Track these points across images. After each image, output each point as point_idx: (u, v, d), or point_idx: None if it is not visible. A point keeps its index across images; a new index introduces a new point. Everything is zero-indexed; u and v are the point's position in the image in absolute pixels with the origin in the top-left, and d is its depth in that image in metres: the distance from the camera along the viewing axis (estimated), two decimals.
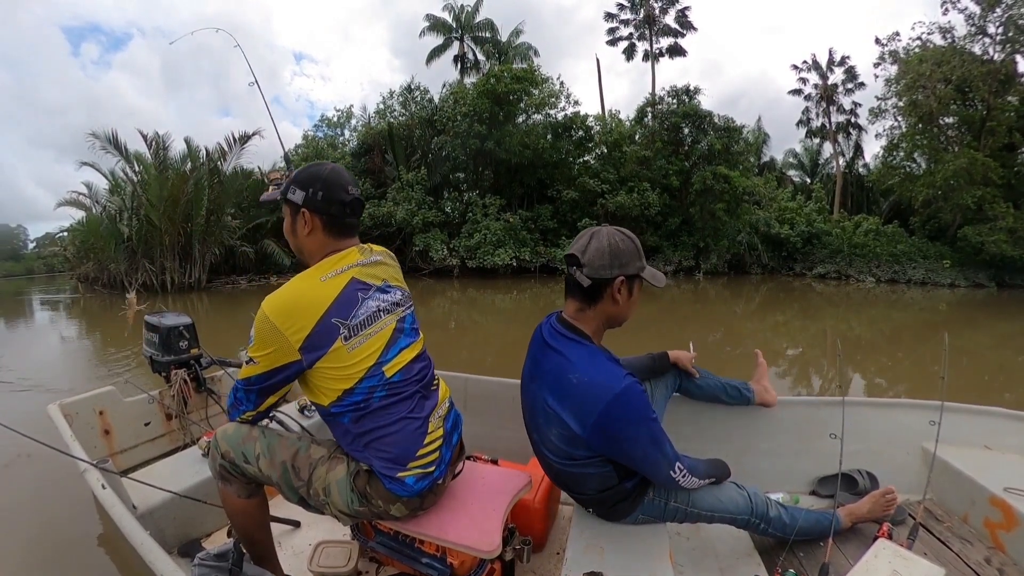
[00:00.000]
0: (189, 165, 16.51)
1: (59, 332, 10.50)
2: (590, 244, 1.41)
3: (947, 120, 20.46)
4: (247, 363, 1.31)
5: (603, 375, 1.36)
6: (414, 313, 1.49)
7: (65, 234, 19.89)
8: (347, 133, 26.83)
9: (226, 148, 16.98)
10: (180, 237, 16.18)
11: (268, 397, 1.36)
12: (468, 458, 1.75)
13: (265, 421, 2.32)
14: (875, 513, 1.86)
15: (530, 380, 1.56)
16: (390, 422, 1.29)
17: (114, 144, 15.78)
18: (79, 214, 17.45)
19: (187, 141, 16.81)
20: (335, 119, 27.55)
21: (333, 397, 1.27)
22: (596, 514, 1.61)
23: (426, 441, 1.33)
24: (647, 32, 26.41)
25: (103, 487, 1.55)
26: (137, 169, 16.49)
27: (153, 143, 15.85)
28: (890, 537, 1.61)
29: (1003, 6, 18.03)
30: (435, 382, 1.45)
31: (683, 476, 1.46)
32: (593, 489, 1.53)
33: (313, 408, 2.58)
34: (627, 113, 25.18)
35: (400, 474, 1.29)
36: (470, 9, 25.79)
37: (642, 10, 26.00)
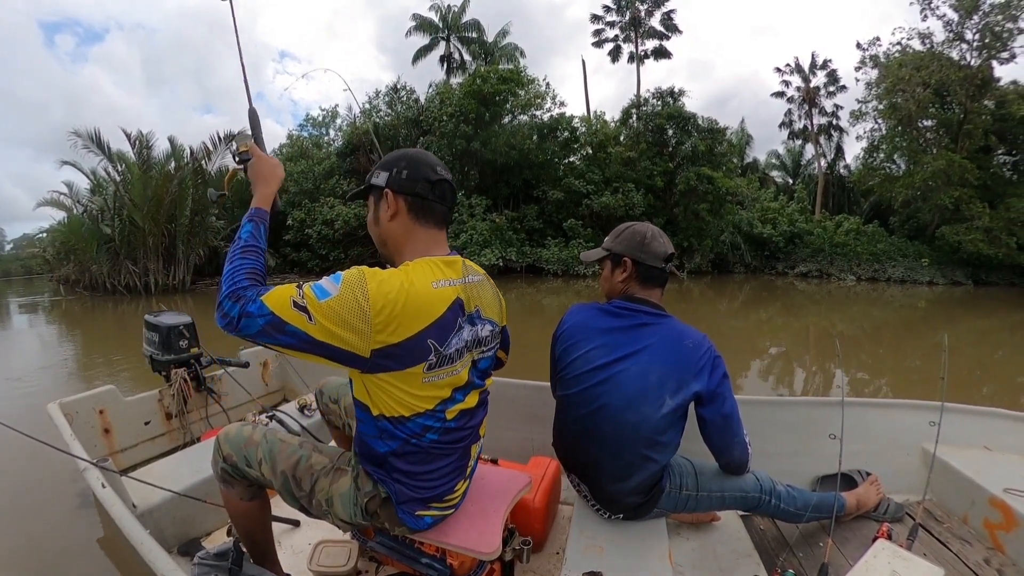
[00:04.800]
0: (173, 164, 16.30)
1: (40, 335, 10.28)
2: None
3: (926, 123, 20.89)
4: (296, 307, 0.96)
5: (701, 335, 1.53)
6: (495, 354, 1.32)
7: (44, 235, 19.53)
8: (332, 133, 26.62)
9: (211, 147, 16.83)
10: (164, 238, 15.97)
11: (282, 347, 0.98)
12: None
13: (265, 421, 2.32)
14: (871, 496, 1.93)
15: (625, 361, 1.52)
16: (432, 467, 1.19)
17: (96, 143, 15.53)
18: (59, 214, 17.26)
19: (171, 140, 16.66)
20: (320, 118, 27.32)
21: (381, 412, 1.11)
22: (621, 516, 1.62)
23: (457, 487, 1.27)
24: (633, 34, 26.58)
25: (103, 486, 1.53)
26: (120, 168, 16.22)
27: (136, 142, 15.64)
28: (889, 537, 1.61)
29: (980, 13, 18.48)
30: (484, 421, 1.34)
31: (747, 436, 1.56)
32: (643, 485, 1.53)
33: (314, 408, 2.50)
34: (614, 114, 25.36)
35: (419, 512, 1.23)
36: (456, 9, 25.75)
37: (628, 12, 26.16)
